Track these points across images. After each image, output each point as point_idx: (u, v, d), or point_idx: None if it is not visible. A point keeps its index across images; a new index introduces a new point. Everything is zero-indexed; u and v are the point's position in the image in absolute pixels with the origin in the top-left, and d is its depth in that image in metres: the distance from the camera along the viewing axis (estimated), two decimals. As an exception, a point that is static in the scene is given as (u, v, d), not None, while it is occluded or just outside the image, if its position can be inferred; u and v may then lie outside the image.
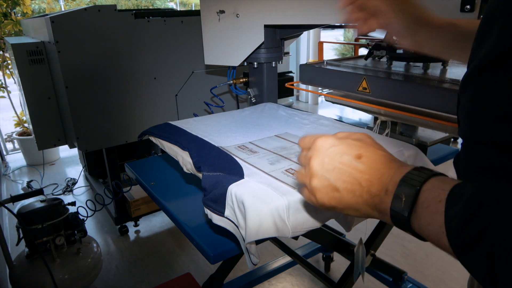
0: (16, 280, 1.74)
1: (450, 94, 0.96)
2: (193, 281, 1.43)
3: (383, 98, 1.13)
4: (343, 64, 1.39)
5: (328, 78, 1.31)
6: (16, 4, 3.48)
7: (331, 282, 1.69)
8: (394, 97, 1.10)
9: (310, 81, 1.38)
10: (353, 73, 1.22)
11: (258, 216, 0.70)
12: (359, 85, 1.18)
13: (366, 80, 1.16)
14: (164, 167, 1.28)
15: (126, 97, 2.08)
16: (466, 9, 0.86)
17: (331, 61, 1.45)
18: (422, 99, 1.02)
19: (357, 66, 1.31)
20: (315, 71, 1.35)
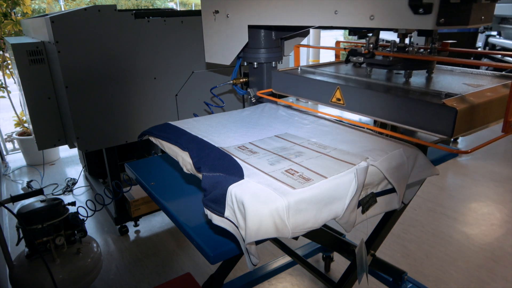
0: (16, 280, 1.74)
1: (433, 109, 0.83)
2: (193, 281, 1.43)
3: (358, 111, 1.00)
4: (320, 70, 1.24)
5: (300, 86, 1.18)
6: (16, 4, 3.47)
7: (331, 282, 1.69)
8: (370, 111, 0.97)
9: (283, 89, 1.24)
10: (326, 81, 1.08)
11: (258, 216, 0.70)
12: (333, 96, 1.06)
13: (340, 90, 1.03)
14: (164, 167, 1.28)
15: (126, 97, 2.08)
16: (420, 12, 0.84)
17: (308, 67, 1.30)
18: (400, 115, 0.90)
19: (332, 74, 1.18)
20: (287, 78, 1.22)
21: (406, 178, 0.94)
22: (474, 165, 3.39)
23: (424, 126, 0.86)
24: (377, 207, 0.91)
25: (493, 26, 6.26)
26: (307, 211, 0.74)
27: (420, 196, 2.85)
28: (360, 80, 1.09)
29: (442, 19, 0.84)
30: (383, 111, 0.93)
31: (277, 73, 1.26)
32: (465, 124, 0.81)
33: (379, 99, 0.94)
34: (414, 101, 0.87)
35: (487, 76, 1.12)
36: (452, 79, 1.09)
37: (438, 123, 0.82)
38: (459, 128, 0.80)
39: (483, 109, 0.85)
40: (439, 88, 0.98)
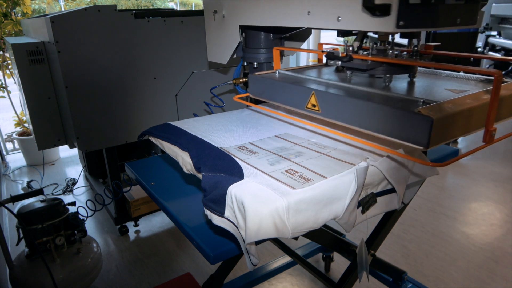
0: (16, 280, 1.74)
1: (408, 117, 0.77)
2: (193, 281, 1.43)
3: (333, 118, 0.94)
4: (299, 74, 1.17)
5: (275, 91, 1.11)
6: (16, 4, 3.47)
7: (331, 282, 1.69)
8: (344, 118, 0.92)
9: (259, 94, 1.18)
10: (301, 87, 1.02)
11: (258, 216, 0.70)
12: (308, 102, 0.99)
13: (315, 96, 0.96)
14: (164, 167, 1.28)
15: (126, 97, 2.08)
16: (377, 14, 0.82)
17: (287, 70, 1.24)
18: (374, 123, 0.84)
19: (311, 79, 1.11)
20: (263, 83, 1.15)
21: (406, 178, 0.94)
22: (474, 165, 3.39)
23: (398, 136, 0.80)
24: (377, 207, 0.91)
25: (493, 26, 6.26)
26: (307, 211, 0.74)
27: (420, 196, 2.85)
28: (338, 85, 1.02)
29: (402, 22, 0.82)
30: (357, 118, 0.87)
31: (253, 76, 1.19)
32: (442, 133, 0.76)
33: (353, 105, 0.88)
34: (388, 109, 0.80)
35: (471, 81, 1.06)
36: (435, 84, 1.02)
37: (413, 133, 0.76)
38: (436, 138, 0.74)
39: (463, 117, 0.80)
40: (419, 93, 0.92)
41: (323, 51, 1.09)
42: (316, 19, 0.98)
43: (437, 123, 0.73)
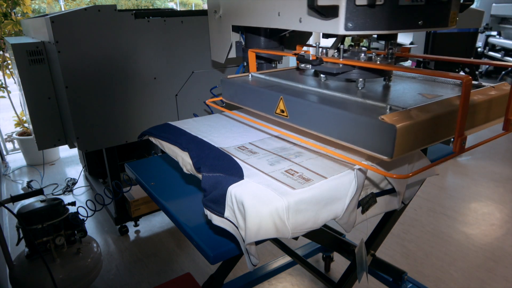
0: (16, 280, 1.74)
1: (371, 125, 0.72)
2: (193, 281, 1.43)
3: (300, 124, 0.90)
4: (273, 78, 1.12)
5: (246, 96, 1.08)
6: (16, 4, 3.47)
7: (331, 282, 1.69)
8: (311, 125, 0.88)
9: (231, 98, 1.15)
10: (269, 91, 0.98)
11: (258, 217, 0.70)
12: (276, 107, 0.95)
13: (283, 101, 0.92)
14: (164, 167, 1.28)
15: (126, 97, 2.08)
16: (326, 15, 0.81)
17: (262, 73, 1.20)
18: (339, 131, 0.80)
19: (283, 83, 1.07)
20: (234, 86, 1.11)
21: (405, 178, 0.94)
22: (474, 165, 3.39)
23: (363, 144, 0.75)
24: (377, 207, 0.91)
25: (493, 26, 6.26)
26: (307, 212, 0.74)
27: (420, 196, 2.85)
28: (309, 89, 0.98)
29: (350, 24, 0.81)
30: (322, 125, 0.83)
31: (225, 80, 1.15)
32: (408, 142, 0.71)
33: (318, 111, 0.84)
34: (351, 115, 0.77)
35: (449, 85, 1.01)
36: (410, 88, 0.98)
37: (377, 142, 0.72)
38: (401, 148, 0.70)
39: (431, 125, 0.75)
40: (390, 99, 0.88)
41: (295, 54, 1.03)
42: (284, 20, 0.99)
43: (401, 132, 0.68)
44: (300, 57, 1.00)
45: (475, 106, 0.83)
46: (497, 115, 0.91)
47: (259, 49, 1.37)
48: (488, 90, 0.90)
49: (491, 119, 0.90)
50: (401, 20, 0.82)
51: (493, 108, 0.89)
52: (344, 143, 0.79)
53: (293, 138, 1.01)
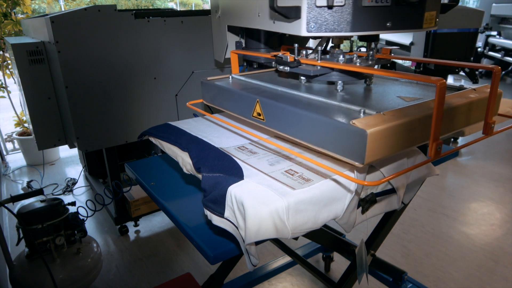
0: (16, 280, 1.74)
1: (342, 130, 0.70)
2: (193, 281, 1.43)
3: (276, 128, 0.88)
4: (253, 80, 1.09)
5: (224, 98, 1.06)
6: (16, 4, 3.47)
7: (331, 282, 1.69)
8: (285, 129, 0.85)
9: (211, 100, 1.13)
10: (246, 94, 0.95)
11: (257, 217, 0.70)
12: (253, 110, 0.93)
13: (260, 104, 0.90)
14: (164, 168, 1.28)
15: (126, 97, 2.08)
16: (290, 17, 0.80)
17: (242, 75, 1.17)
18: (312, 135, 0.78)
19: (262, 85, 1.04)
20: (214, 89, 1.10)
21: (406, 178, 0.94)
22: (474, 165, 3.39)
23: (335, 150, 0.72)
24: (377, 208, 0.91)
25: (493, 26, 6.26)
26: (306, 212, 0.74)
27: (420, 196, 2.85)
28: (287, 92, 0.95)
29: (312, 25, 0.81)
30: (296, 129, 0.81)
31: (205, 82, 1.13)
32: (381, 147, 0.69)
33: (293, 115, 0.81)
34: (323, 120, 0.74)
35: (430, 87, 0.98)
36: (391, 91, 0.95)
37: (348, 147, 0.69)
38: (372, 153, 0.67)
39: (405, 129, 0.72)
40: (367, 102, 0.85)
41: (274, 56, 1.00)
42: (263, 21, 0.99)
43: (373, 137, 0.66)
44: (278, 59, 0.98)
45: (454, 110, 0.80)
46: (477, 118, 0.87)
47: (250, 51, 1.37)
48: (469, 93, 0.87)
49: (471, 122, 0.87)
50: (366, 22, 0.80)
51: (473, 111, 0.86)
52: (317, 148, 0.77)
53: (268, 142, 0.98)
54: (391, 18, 0.82)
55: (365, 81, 1.01)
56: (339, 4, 0.78)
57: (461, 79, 6.59)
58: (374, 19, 0.81)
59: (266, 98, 0.89)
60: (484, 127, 0.84)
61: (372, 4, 0.79)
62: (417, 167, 0.76)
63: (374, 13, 0.80)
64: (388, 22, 0.82)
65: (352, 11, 0.79)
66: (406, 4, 0.82)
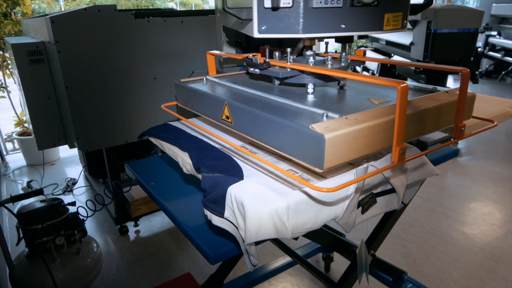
0: (16, 280, 1.74)
1: (300, 134, 0.68)
2: (193, 281, 1.43)
3: (243, 131, 0.86)
4: (227, 82, 1.07)
5: (196, 100, 1.04)
6: (16, 4, 3.47)
7: (331, 282, 1.69)
8: (250, 132, 0.83)
9: (184, 103, 1.11)
10: (216, 96, 0.93)
11: (257, 217, 0.70)
12: (222, 113, 0.91)
13: (228, 107, 0.88)
14: (164, 168, 1.28)
15: (126, 97, 2.08)
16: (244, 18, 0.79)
17: (217, 77, 1.15)
18: (274, 139, 0.75)
19: (233, 87, 1.02)
20: (187, 90, 1.07)
21: (406, 178, 0.94)
22: (474, 165, 3.39)
23: (296, 154, 0.70)
24: (377, 208, 0.91)
25: (493, 26, 6.26)
26: (306, 212, 0.74)
27: (420, 196, 2.85)
28: (256, 94, 0.92)
29: (263, 26, 0.80)
30: (261, 132, 0.79)
31: (178, 84, 1.11)
32: (340, 153, 0.66)
33: (258, 118, 0.79)
34: (284, 123, 0.72)
35: (410, 89, 0.95)
36: (362, 93, 0.92)
37: (308, 152, 0.67)
38: (332, 158, 0.65)
39: (368, 133, 0.69)
40: (334, 105, 0.83)
41: (247, 58, 0.97)
42: (240, 23, 0.97)
43: (331, 142, 0.64)
44: (248, 60, 0.95)
45: (422, 113, 0.78)
46: (448, 121, 0.85)
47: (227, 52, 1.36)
48: (440, 96, 0.85)
49: (443, 125, 0.84)
50: (318, 23, 0.79)
51: (444, 114, 0.83)
52: (281, 152, 0.75)
53: (233, 146, 0.94)
54: (345, 20, 0.80)
55: (339, 83, 0.99)
56: (286, 5, 0.76)
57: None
58: (326, 20, 0.79)
59: (234, 100, 0.87)
60: (455, 131, 0.83)
61: (321, 5, 0.77)
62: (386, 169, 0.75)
63: (326, 15, 0.79)
64: (342, 24, 0.80)
65: (302, 12, 0.77)
66: (361, 5, 0.79)
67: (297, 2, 0.77)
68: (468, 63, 3.82)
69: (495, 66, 6.67)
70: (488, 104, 1.32)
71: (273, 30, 0.80)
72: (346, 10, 0.79)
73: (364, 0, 0.78)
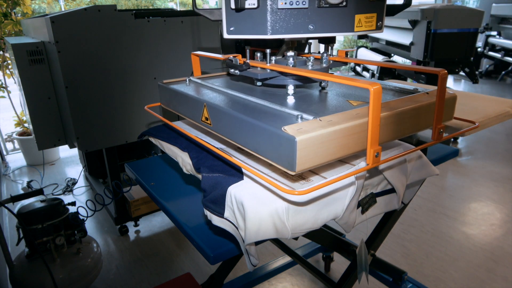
0: (16, 280, 1.74)
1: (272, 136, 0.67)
2: (193, 281, 1.43)
3: (221, 132, 0.85)
4: (210, 83, 1.06)
5: (177, 102, 1.03)
6: (16, 4, 3.47)
7: (331, 282, 1.69)
8: (227, 133, 0.83)
9: (167, 104, 1.10)
10: (195, 97, 0.93)
11: (257, 217, 0.70)
12: (202, 114, 0.91)
13: (207, 108, 0.88)
14: (164, 168, 1.28)
15: (126, 97, 2.08)
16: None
17: (200, 78, 1.14)
18: (249, 141, 0.75)
19: (215, 88, 1.01)
20: (170, 91, 1.06)
21: (406, 178, 0.94)
22: (474, 165, 3.39)
23: (271, 156, 0.70)
24: (376, 208, 0.91)
25: (493, 26, 6.26)
26: (306, 212, 0.74)
27: (420, 196, 2.85)
28: (235, 96, 0.91)
29: (232, 28, 0.81)
30: (239, 134, 0.78)
31: (161, 85, 1.10)
32: (312, 155, 0.65)
33: (234, 120, 0.78)
34: (258, 125, 0.71)
35: (391, 91, 0.94)
36: (342, 94, 0.91)
37: (281, 154, 0.67)
38: (304, 161, 0.64)
39: (341, 136, 0.68)
40: (312, 106, 0.81)
41: (227, 59, 0.96)
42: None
43: (303, 144, 0.63)
44: (228, 61, 0.94)
45: (399, 114, 0.77)
46: (428, 122, 0.84)
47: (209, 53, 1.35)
48: (419, 97, 0.84)
49: (422, 127, 0.84)
50: (285, 24, 0.78)
51: (423, 116, 0.82)
52: (257, 155, 0.74)
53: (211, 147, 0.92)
54: (312, 21, 0.79)
55: (320, 84, 0.97)
56: (251, 6, 0.76)
57: (461, 79, 6.60)
58: (293, 21, 0.78)
59: (213, 102, 0.86)
60: (433, 132, 0.82)
61: (286, 6, 0.77)
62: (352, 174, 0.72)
63: (293, 16, 0.78)
64: (310, 25, 0.79)
65: (269, 13, 0.77)
66: (328, 6, 0.78)
67: (263, 3, 0.77)
68: (468, 63, 3.82)
69: (495, 66, 6.67)
70: (488, 104, 1.32)
71: (241, 31, 0.81)
72: (313, 11, 0.78)
73: (330, 1, 0.77)
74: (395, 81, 1.10)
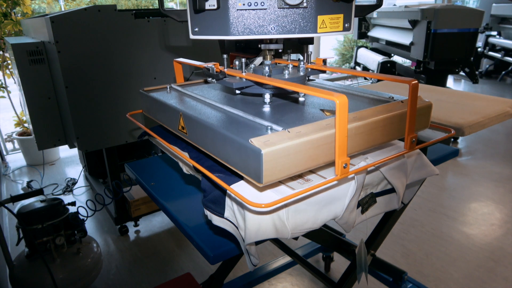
0: (16, 280, 1.74)
1: (240, 148, 0.67)
2: (193, 281, 1.43)
3: (195, 142, 0.85)
4: (189, 91, 1.05)
5: (157, 110, 1.02)
6: (16, 4, 3.47)
7: (331, 282, 1.69)
8: (200, 142, 0.82)
9: (148, 111, 1.10)
10: (172, 106, 0.92)
11: (257, 217, 0.70)
12: (179, 123, 0.90)
13: (183, 118, 0.87)
14: (164, 168, 1.28)
15: (126, 97, 2.08)
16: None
17: (180, 85, 1.12)
18: (220, 151, 0.75)
19: (193, 96, 1.00)
20: (150, 99, 1.05)
21: (405, 178, 0.94)
22: (474, 165, 3.39)
23: (240, 167, 0.69)
24: (376, 208, 0.91)
25: (493, 26, 6.27)
26: (306, 212, 0.74)
27: (420, 196, 2.85)
28: (212, 105, 0.91)
29: (196, 28, 0.81)
30: (211, 144, 0.78)
31: (141, 92, 1.10)
32: (279, 167, 0.65)
33: (206, 130, 0.78)
34: (227, 136, 0.70)
35: (366, 98, 0.93)
36: (318, 103, 0.89)
37: (249, 166, 0.66)
38: (271, 173, 0.64)
39: (308, 148, 0.68)
40: (285, 116, 0.79)
41: (205, 67, 0.94)
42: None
43: (269, 156, 0.62)
44: (205, 70, 0.92)
45: (370, 124, 0.76)
46: (401, 132, 0.83)
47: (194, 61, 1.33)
48: (393, 106, 0.83)
49: (395, 135, 0.83)
50: (245, 25, 0.78)
51: (395, 125, 0.82)
52: (228, 165, 0.73)
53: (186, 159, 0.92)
54: (273, 22, 0.79)
55: (298, 92, 0.94)
56: (211, 7, 0.77)
57: (461, 79, 6.60)
58: (253, 22, 0.78)
59: (188, 112, 0.85)
60: (406, 142, 0.82)
61: (245, 7, 0.77)
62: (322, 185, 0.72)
63: (253, 17, 0.78)
64: (271, 26, 0.79)
65: (229, 14, 0.77)
66: (288, 7, 0.77)
67: (223, 4, 0.77)
68: (468, 63, 3.82)
69: (495, 66, 6.67)
70: (488, 104, 1.32)
71: (204, 32, 0.81)
72: (273, 12, 0.78)
73: (289, 2, 0.76)
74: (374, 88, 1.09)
